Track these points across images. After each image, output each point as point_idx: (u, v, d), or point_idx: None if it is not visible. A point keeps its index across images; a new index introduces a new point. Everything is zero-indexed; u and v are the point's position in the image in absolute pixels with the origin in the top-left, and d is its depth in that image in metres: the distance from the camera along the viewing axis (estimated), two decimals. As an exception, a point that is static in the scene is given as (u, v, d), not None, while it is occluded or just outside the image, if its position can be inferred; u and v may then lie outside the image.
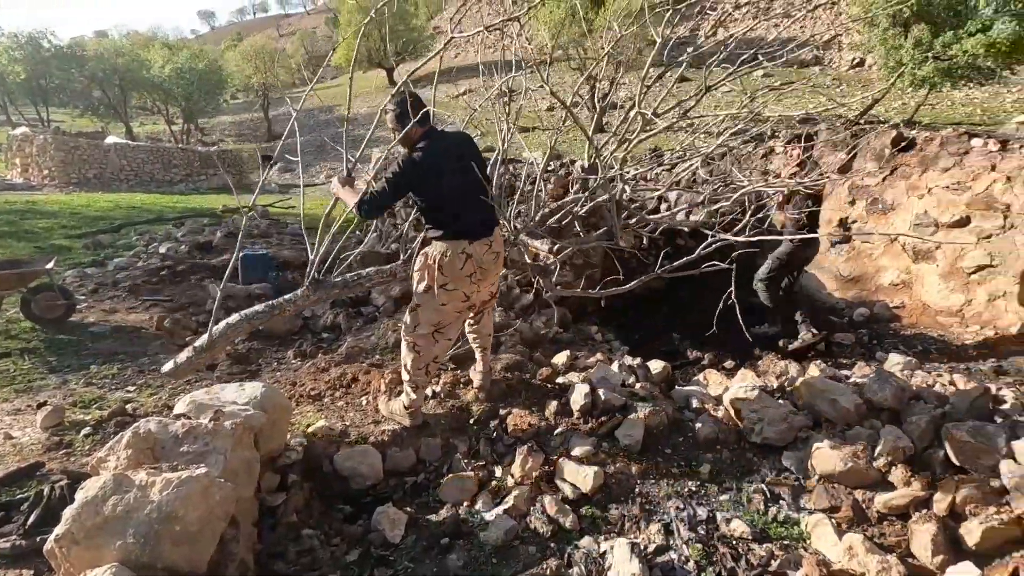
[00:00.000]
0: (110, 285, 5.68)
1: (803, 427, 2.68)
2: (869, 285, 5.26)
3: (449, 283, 2.66)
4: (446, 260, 2.63)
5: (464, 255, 2.64)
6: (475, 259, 2.66)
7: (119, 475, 1.59)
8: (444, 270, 2.64)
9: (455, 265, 2.63)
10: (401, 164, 2.54)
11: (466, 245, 2.64)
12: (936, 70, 12.75)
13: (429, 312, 2.72)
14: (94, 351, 4.21)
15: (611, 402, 2.93)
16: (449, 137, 2.78)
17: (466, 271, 2.66)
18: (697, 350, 4.45)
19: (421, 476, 2.71)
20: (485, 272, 2.73)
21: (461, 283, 2.67)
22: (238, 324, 2.84)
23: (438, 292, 2.67)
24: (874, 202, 5.20)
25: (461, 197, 2.65)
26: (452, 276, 2.64)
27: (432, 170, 2.56)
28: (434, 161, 2.57)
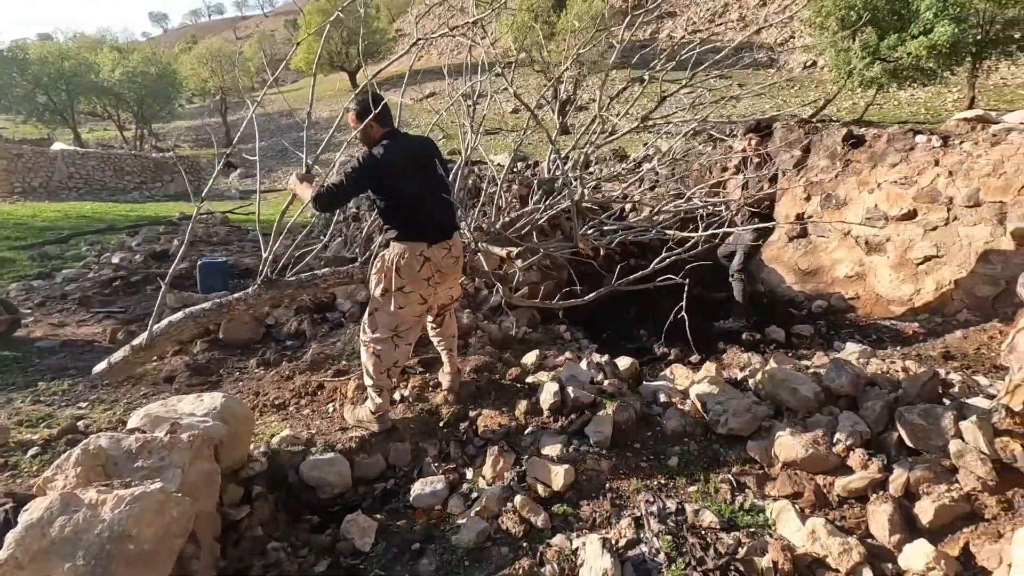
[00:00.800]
0: (58, 298, 5.42)
1: (766, 417, 2.74)
2: (826, 278, 5.45)
3: (406, 286, 2.63)
4: (403, 263, 2.61)
5: (422, 258, 2.62)
6: (433, 263, 2.64)
7: (66, 494, 1.51)
8: (401, 273, 2.62)
9: (412, 268, 2.61)
10: (361, 160, 2.51)
11: (424, 248, 2.62)
12: (883, 71, 13.35)
13: (386, 316, 2.69)
14: (42, 367, 4.00)
15: (580, 400, 2.94)
16: (412, 139, 2.77)
17: (423, 274, 2.64)
18: (664, 346, 4.52)
19: (391, 482, 2.67)
20: (443, 276, 2.72)
21: (418, 286, 2.66)
22: (182, 322, 2.73)
23: (395, 295, 2.64)
24: (828, 197, 5.39)
25: (421, 199, 2.63)
26: (409, 279, 2.62)
27: (392, 169, 2.54)
28: (395, 160, 2.54)
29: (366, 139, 2.64)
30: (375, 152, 2.53)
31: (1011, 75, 17.66)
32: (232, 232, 8.85)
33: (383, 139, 2.60)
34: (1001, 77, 17.53)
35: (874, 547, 2.09)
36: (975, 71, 13.49)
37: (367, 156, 2.52)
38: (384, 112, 2.62)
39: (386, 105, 2.63)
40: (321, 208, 2.57)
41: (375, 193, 2.62)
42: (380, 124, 2.62)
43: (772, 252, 5.84)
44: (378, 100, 2.60)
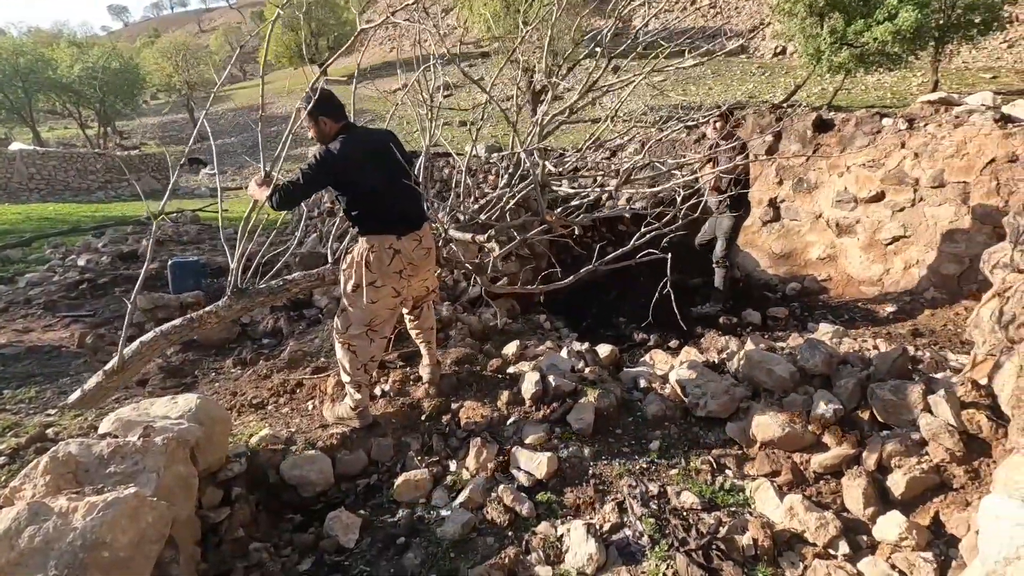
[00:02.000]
0: (22, 303, 5.24)
1: (744, 398, 2.79)
2: (799, 260, 5.55)
3: (377, 280, 2.61)
4: (373, 257, 2.58)
5: (391, 251, 2.59)
6: (403, 255, 2.62)
7: (35, 503, 1.46)
8: (371, 267, 2.59)
9: (383, 262, 2.58)
10: (318, 156, 2.48)
11: (393, 240, 2.59)
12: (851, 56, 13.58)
13: (359, 311, 2.67)
14: (6, 375, 3.86)
15: (561, 388, 2.96)
16: (369, 132, 2.73)
17: (394, 267, 2.61)
18: (643, 332, 4.56)
19: (374, 478, 2.65)
20: (415, 268, 2.70)
21: (390, 280, 2.63)
22: (153, 341, 2.67)
23: (367, 290, 2.62)
24: (799, 181, 5.48)
25: (385, 192, 2.59)
26: (380, 273, 2.60)
27: (350, 163, 2.50)
28: (351, 154, 2.50)
29: (321, 136, 2.58)
30: (331, 147, 2.49)
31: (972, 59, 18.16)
32: (203, 231, 8.64)
33: (338, 134, 2.56)
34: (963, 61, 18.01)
35: (849, 520, 2.15)
36: (938, 55, 13.83)
37: (323, 152, 2.48)
38: (336, 107, 2.58)
39: (337, 99, 2.60)
40: (277, 207, 2.53)
41: (336, 189, 2.58)
42: (333, 120, 2.57)
43: (747, 236, 5.93)
44: (329, 96, 2.57)
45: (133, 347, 2.62)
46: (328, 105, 2.56)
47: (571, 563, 2.06)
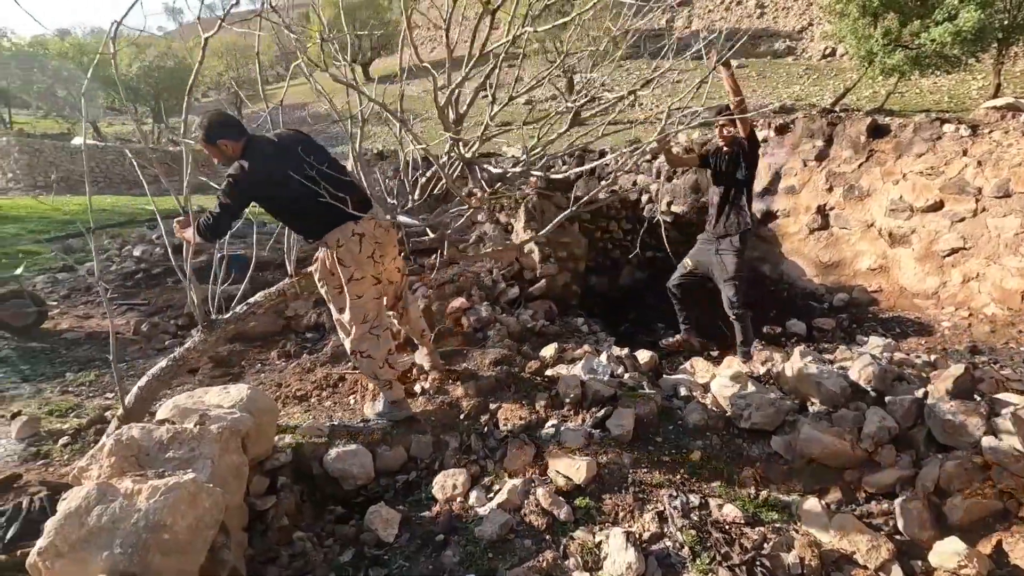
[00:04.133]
0: (83, 290, 5.51)
1: (790, 411, 2.71)
2: (847, 270, 5.36)
3: (355, 272, 2.62)
4: (342, 250, 2.57)
5: (357, 236, 2.58)
6: (368, 237, 2.61)
7: (103, 484, 1.54)
8: (345, 261, 2.59)
9: (353, 251, 2.58)
10: (232, 176, 2.43)
11: (353, 226, 2.58)
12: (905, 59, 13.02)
13: (349, 313, 2.69)
14: (69, 359, 4.08)
15: (601, 393, 2.94)
16: (279, 138, 2.64)
17: (365, 252, 2.61)
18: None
19: (412, 474, 2.68)
20: (382, 248, 2.70)
21: (366, 267, 2.64)
22: (148, 385, 2.79)
23: (349, 287, 2.63)
24: (851, 188, 5.29)
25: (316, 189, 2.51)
26: (355, 264, 2.60)
27: (268, 173, 2.45)
28: (266, 164, 2.45)
29: (226, 159, 2.51)
30: (242, 164, 2.43)
31: (1039, 62, 17.17)
32: (247, 225, 8.91)
33: (243, 152, 2.49)
34: (1029, 64, 17.05)
35: (903, 544, 2.07)
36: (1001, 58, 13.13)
37: (236, 170, 2.43)
38: (232, 126, 2.51)
39: (230, 117, 2.54)
40: (211, 238, 2.55)
41: (265, 204, 2.57)
42: (233, 139, 2.49)
43: (792, 244, 5.76)
44: (220, 119, 2.50)
45: (132, 392, 2.78)
46: (222, 128, 2.48)
47: (609, 571, 2.04)
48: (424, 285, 4.47)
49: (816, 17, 24.44)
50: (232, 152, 2.50)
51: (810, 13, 25.35)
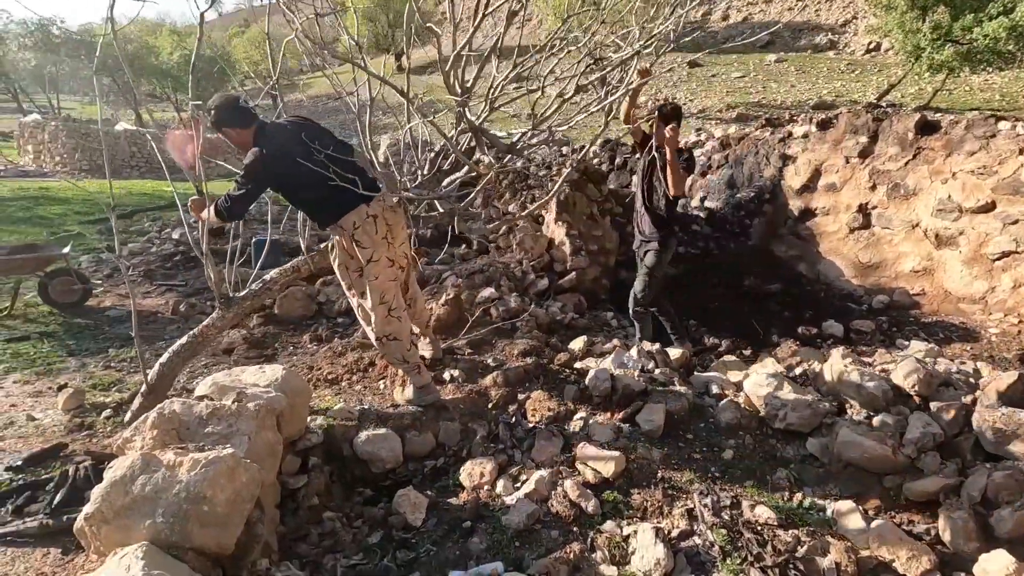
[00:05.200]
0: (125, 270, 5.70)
1: (828, 413, 2.64)
2: (889, 272, 5.18)
3: (373, 253, 2.64)
4: (359, 232, 2.59)
5: (371, 218, 2.61)
6: (381, 218, 2.64)
7: (147, 455, 1.59)
8: (363, 243, 2.61)
9: (370, 233, 2.60)
10: (249, 159, 2.47)
11: (366, 208, 2.60)
12: (955, 54, 12.49)
13: (371, 297, 2.72)
14: (111, 335, 4.23)
15: (631, 388, 2.90)
16: (287, 125, 2.67)
17: (380, 233, 2.64)
18: (714, 337, 4.40)
19: (440, 460, 2.70)
20: (394, 229, 2.72)
21: (381, 248, 2.66)
22: (169, 361, 2.89)
23: (368, 269, 2.66)
24: (895, 187, 5.10)
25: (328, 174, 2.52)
26: (371, 245, 2.63)
27: (282, 157, 2.48)
28: (279, 148, 2.49)
29: (239, 144, 2.58)
30: (257, 151, 2.47)
31: (1101, 59, 16.27)
32: (282, 211, 9.08)
33: (255, 138, 2.55)
34: (1090, 61, 16.17)
35: (946, 555, 1.99)
36: (1060, 54, 12.48)
37: (253, 154, 2.47)
38: (240, 112, 2.54)
39: (239, 102, 2.56)
40: (229, 218, 2.59)
41: (280, 189, 2.61)
42: (241, 125, 2.54)
43: (831, 243, 5.59)
44: (225, 105, 2.53)
45: (155, 370, 2.89)
46: (227, 114, 2.52)
47: (637, 566, 2.02)
48: (454, 274, 4.49)
49: (861, 10, 23.61)
50: (238, 139, 2.57)
51: (854, 6, 24.50)
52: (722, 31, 26.72)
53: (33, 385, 3.42)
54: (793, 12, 26.27)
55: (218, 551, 1.59)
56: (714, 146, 6.82)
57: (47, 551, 1.98)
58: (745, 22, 26.78)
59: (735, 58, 23.38)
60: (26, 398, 3.25)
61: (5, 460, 2.58)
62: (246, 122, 2.55)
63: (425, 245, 5.78)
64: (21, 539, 2.03)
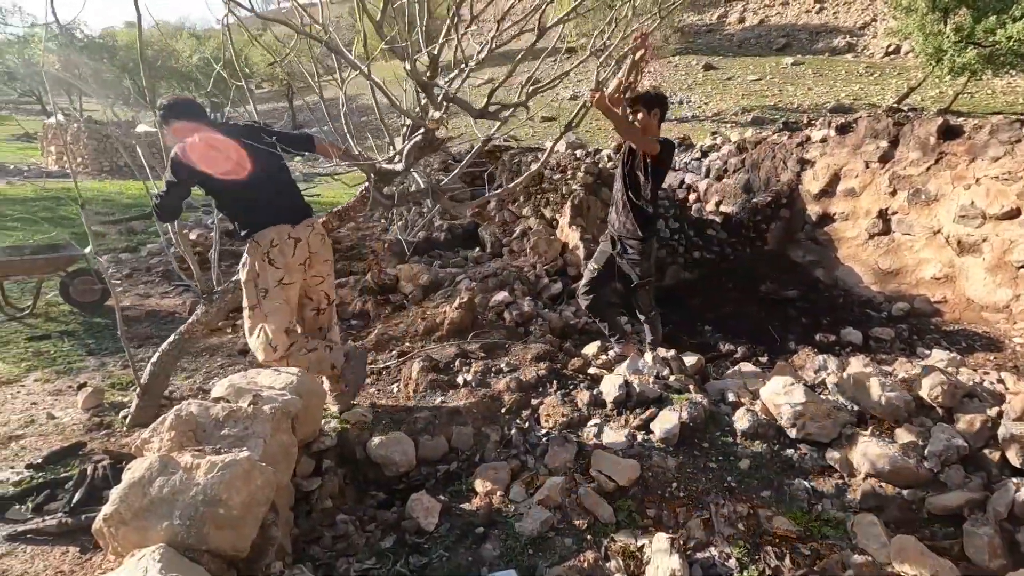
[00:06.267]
0: (143, 270, 5.78)
1: (847, 423, 2.59)
2: (909, 279, 5.09)
3: (285, 276, 2.54)
4: (276, 251, 2.49)
5: (292, 240, 2.53)
6: (304, 243, 2.57)
7: (165, 457, 1.60)
8: (276, 262, 2.50)
9: (286, 254, 2.51)
10: (176, 154, 2.45)
11: (290, 229, 2.53)
12: (978, 57, 12.27)
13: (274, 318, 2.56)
14: (130, 335, 4.27)
15: (646, 394, 2.88)
16: (232, 127, 2.66)
17: (298, 258, 2.55)
18: (729, 343, 4.35)
19: (453, 464, 2.69)
20: (314, 257, 2.65)
21: (296, 273, 2.57)
22: (160, 360, 2.91)
23: (277, 290, 2.54)
24: (916, 192, 5.01)
25: (265, 183, 2.51)
26: (286, 268, 2.53)
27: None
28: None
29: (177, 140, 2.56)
30: (179, 146, 2.46)
31: None
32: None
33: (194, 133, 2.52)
34: (1117, 63, 15.79)
35: (970, 571, 1.94)
36: (1088, 57, 12.21)
37: (173, 151, 2.46)
38: (189, 109, 2.55)
39: (191, 102, 2.58)
40: (160, 219, 2.59)
41: (206, 187, 2.55)
42: (188, 119, 2.54)
43: (849, 249, 5.51)
44: (180, 101, 2.55)
45: (148, 370, 2.93)
46: (178, 109, 2.54)
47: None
48: (468, 278, 4.49)
49: (880, 13, 23.31)
50: (183, 133, 2.54)
51: (873, 8, 24.20)
52: (738, 34, 26.53)
53: (53, 384, 3.47)
54: (811, 15, 26.00)
55: (233, 553, 1.59)
56: (730, 150, 6.76)
57: (65, 549, 2.00)
58: (761, 24, 26.56)
59: (751, 61, 23.19)
60: (47, 396, 3.30)
61: (26, 458, 2.63)
62: (192, 116, 2.54)
63: (439, 248, 5.80)
64: (40, 537, 2.06)
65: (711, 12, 28.54)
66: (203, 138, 2.47)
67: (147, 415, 3.01)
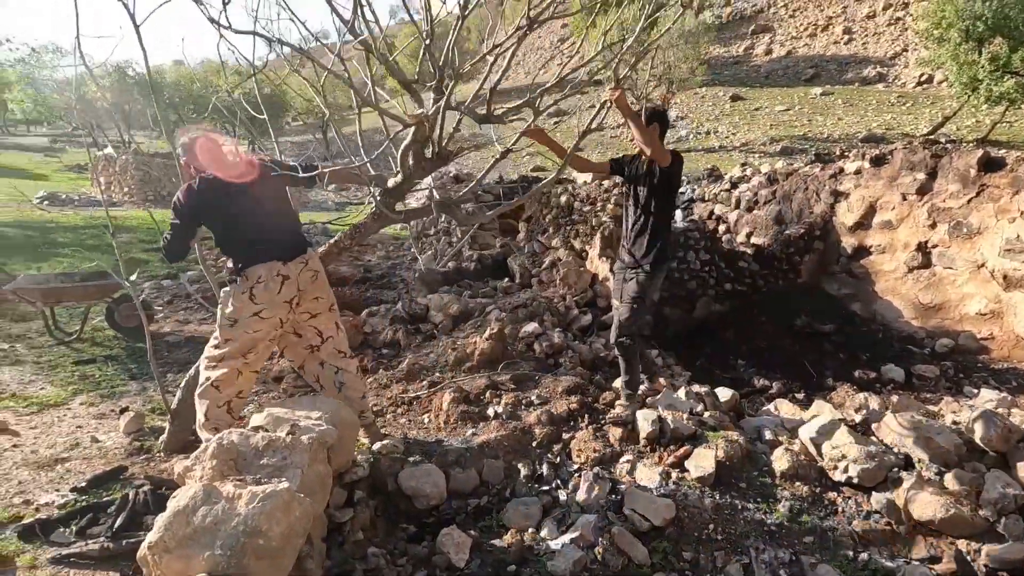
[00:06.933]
0: (183, 297, 5.98)
1: (893, 467, 2.49)
2: (952, 314, 4.92)
3: (264, 310, 2.50)
4: (261, 287, 2.47)
5: (280, 277, 2.50)
6: (292, 280, 2.54)
7: (208, 486, 1.63)
8: (258, 299, 2.48)
9: (272, 291, 2.48)
10: (179, 196, 2.49)
11: (280, 266, 2.51)
12: (1016, 86, 12.05)
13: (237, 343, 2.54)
14: (170, 360, 4.41)
15: (680, 431, 2.82)
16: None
17: (284, 296, 2.52)
18: (764, 378, 4.25)
19: (484, 499, 2.66)
20: (304, 294, 2.62)
21: (278, 309, 2.53)
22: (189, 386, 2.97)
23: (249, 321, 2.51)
24: (957, 225, 4.88)
25: (260, 220, 2.52)
26: (269, 303, 2.50)
27: (212, 196, 2.48)
28: (212, 187, 2.48)
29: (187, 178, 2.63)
30: (191, 184, 2.51)
31: None
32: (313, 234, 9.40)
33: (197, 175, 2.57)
34: None
35: (1035, 631, 1.82)
36: None
37: (183, 190, 2.51)
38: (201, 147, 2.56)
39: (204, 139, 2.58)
40: (170, 259, 2.63)
41: (207, 224, 2.57)
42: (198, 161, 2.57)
43: (887, 283, 5.36)
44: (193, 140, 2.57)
45: (177, 396, 3.03)
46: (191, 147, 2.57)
47: (691, 623, 1.92)
48: (498, 308, 4.51)
49: (911, 43, 23.15)
50: (191, 174, 2.60)
51: (904, 39, 24.07)
52: (765, 65, 26.63)
53: (97, 407, 3.58)
54: (839, 46, 25.99)
55: (270, 585, 1.60)
56: (760, 181, 6.72)
57: (107, 574, 2.04)
58: (789, 56, 26.63)
59: (779, 91, 23.20)
60: (91, 420, 3.40)
61: (70, 480, 2.70)
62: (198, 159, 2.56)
63: (469, 278, 5.86)
64: (83, 561, 2.10)
65: (737, 44, 28.78)
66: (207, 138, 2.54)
67: (179, 440, 3.09)
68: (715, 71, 25.56)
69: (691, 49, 18.63)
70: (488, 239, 7.25)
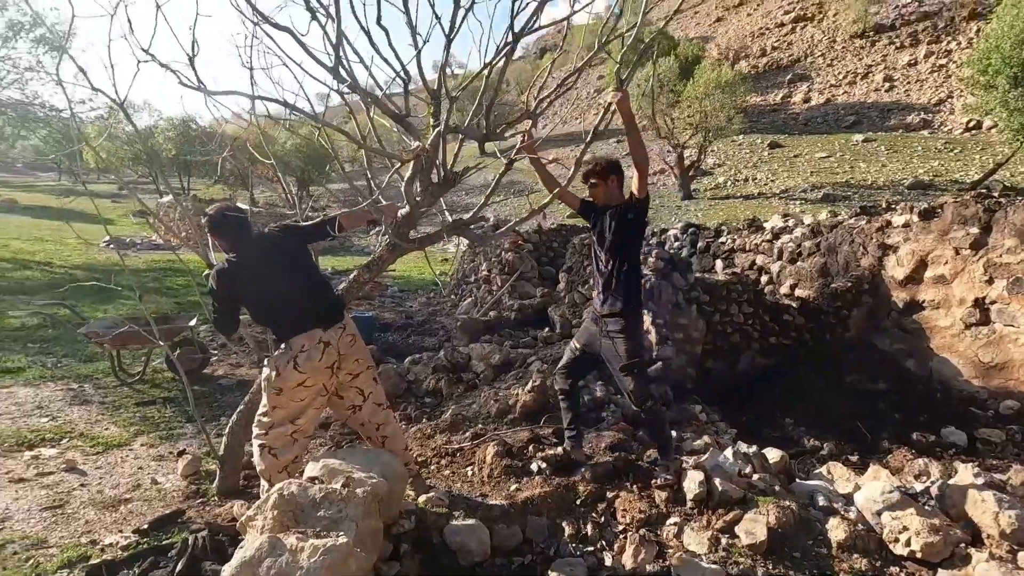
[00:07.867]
0: (236, 340, 6.24)
1: (961, 542, 2.36)
2: (1017, 374, 4.68)
3: (308, 379, 2.57)
4: (303, 357, 2.53)
5: (322, 344, 2.56)
6: (334, 346, 2.60)
7: (273, 538, 1.70)
8: (302, 367, 2.53)
9: (314, 359, 2.54)
10: (212, 282, 2.58)
11: (321, 334, 2.57)
12: (1072, 133, 11.65)
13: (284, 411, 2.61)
14: (223, 403, 4.60)
15: (728, 493, 2.76)
16: (265, 238, 2.76)
17: (325, 362, 2.57)
18: (815, 438, 4.11)
19: (528, 557, 2.64)
20: (345, 358, 2.67)
21: (320, 376, 2.59)
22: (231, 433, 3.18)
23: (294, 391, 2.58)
24: (1017, 281, 4.70)
25: (293, 291, 2.59)
26: (311, 371, 2.55)
27: (245, 275, 2.56)
28: (244, 266, 2.57)
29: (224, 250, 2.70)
30: (222, 266, 2.59)
31: None
32: (374, 287, 9.69)
33: (232, 250, 2.65)
34: None
35: None
36: None
37: (215, 272, 2.59)
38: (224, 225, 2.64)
39: (228, 219, 2.64)
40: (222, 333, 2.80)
41: (243, 303, 2.65)
42: (222, 238, 2.67)
43: (943, 339, 5.16)
44: (218, 217, 2.62)
45: (224, 442, 3.20)
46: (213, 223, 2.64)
47: None
48: (539, 359, 4.55)
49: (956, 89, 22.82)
50: (223, 246, 2.70)
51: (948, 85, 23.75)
52: (803, 113, 26.61)
53: (157, 449, 3.75)
54: (880, 93, 25.82)
55: (326, 641, 1.64)
56: (803, 232, 6.66)
57: (167, 619, 2.11)
58: (828, 104, 26.56)
59: (818, 138, 23.05)
60: (151, 461, 3.57)
61: (132, 522, 2.83)
62: (226, 236, 2.67)
63: (509, 327, 5.94)
64: (145, 605, 2.19)
65: (775, 93, 28.93)
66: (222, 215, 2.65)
67: (231, 484, 3.20)
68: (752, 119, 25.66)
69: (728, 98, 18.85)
70: (528, 288, 7.37)
